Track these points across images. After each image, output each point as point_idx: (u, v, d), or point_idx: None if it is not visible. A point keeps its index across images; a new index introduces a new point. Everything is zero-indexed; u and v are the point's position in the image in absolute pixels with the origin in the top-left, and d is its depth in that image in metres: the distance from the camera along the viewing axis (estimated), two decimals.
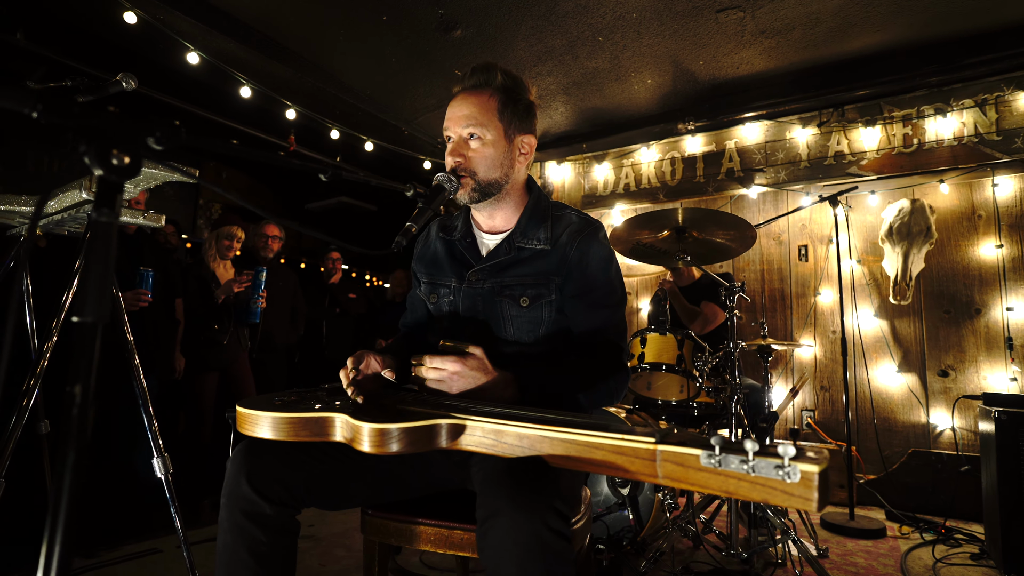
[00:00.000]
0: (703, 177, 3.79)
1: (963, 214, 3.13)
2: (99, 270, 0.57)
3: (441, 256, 1.30)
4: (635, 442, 0.75)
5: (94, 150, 0.58)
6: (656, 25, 2.90)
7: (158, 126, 0.66)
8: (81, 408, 0.55)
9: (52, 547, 0.52)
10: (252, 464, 1.02)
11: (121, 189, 0.61)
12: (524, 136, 1.21)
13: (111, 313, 1.55)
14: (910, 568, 2.18)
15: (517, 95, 1.20)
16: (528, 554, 0.75)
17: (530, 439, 0.83)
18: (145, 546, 2.19)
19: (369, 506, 1.16)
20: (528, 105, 1.23)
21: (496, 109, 1.16)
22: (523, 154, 1.22)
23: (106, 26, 2.72)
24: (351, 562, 2.15)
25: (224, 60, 3.03)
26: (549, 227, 1.22)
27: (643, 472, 0.75)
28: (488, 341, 1.16)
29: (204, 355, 3.05)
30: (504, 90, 1.18)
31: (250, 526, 0.99)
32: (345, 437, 0.93)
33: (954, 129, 3.02)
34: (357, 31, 3.00)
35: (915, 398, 3.16)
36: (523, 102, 1.21)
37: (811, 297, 3.51)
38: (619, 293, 1.22)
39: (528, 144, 1.22)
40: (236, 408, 1.05)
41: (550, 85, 3.54)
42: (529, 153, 1.23)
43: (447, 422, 0.88)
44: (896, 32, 2.86)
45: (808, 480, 0.63)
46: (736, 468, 0.67)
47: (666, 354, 2.17)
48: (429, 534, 1.08)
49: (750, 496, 0.67)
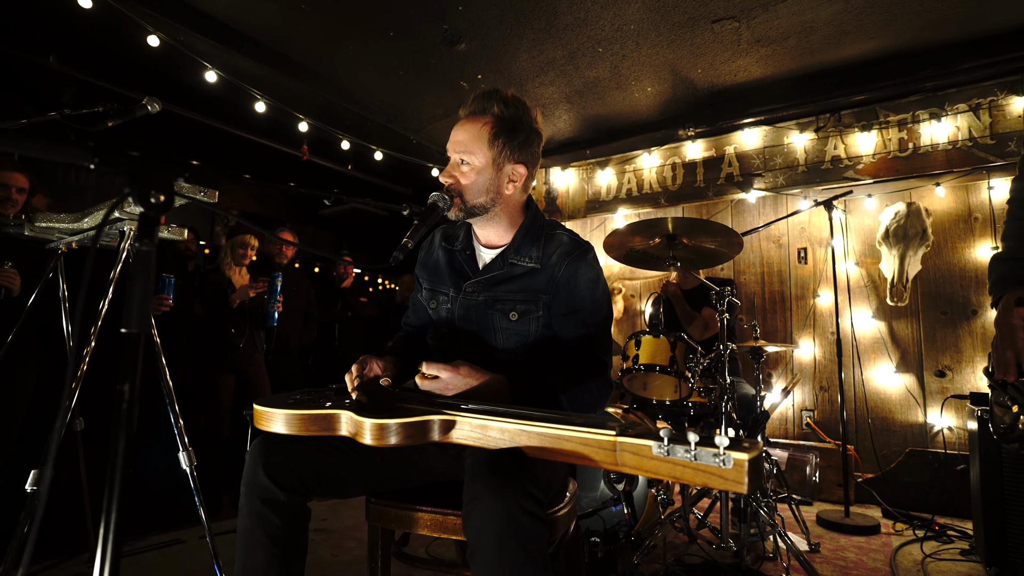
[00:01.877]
0: (703, 182, 3.87)
1: (959, 216, 3.17)
2: (142, 290, 0.70)
3: (442, 265, 1.41)
4: (598, 435, 0.86)
5: (137, 192, 0.70)
6: (654, 36, 3.00)
7: (187, 168, 0.78)
8: (129, 403, 0.67)
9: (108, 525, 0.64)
10: (268, 456, 1.14)
11: (158, 222, 0.74)
12: (515, 165, 1.26)
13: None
14: (899, 563, 2.25)
15: (514, 124, 1.25)
16: (504, 532, 0.86)
17: (510, 432, 0.94)
18: (169, 537, 2.33)
19: (372, 495, 1.27)
20: (528, 133, 1.27)
21: (487, 138, 1.24)
22: (512, 181, 1.27)
23: (132, 49, 2.88)
24: (361, 552, 2.28)
25: (240, 77, 3.19)
26: (541, 246, 1.30)
27: (606, 460, 0.85)
28: (481, 348, 1.28)
29: (221, 358, 3.20)
30: (499, 119, 1.25)
31: (267, 511, 1.11)
32: (350, 431, 1.05)
33: (949, 133, 3.06)
34: (366, 46, 3.13)
35: (913, 398, 3.20)
36: (522, 132, 1.26)
37: (810, 299, 3.56)
38: (604, 312, 1.30)
39: (519, 173, 1.27)
40: (253, 406, 1.17)
41: (553, 94, 3.64)
42: (519, 181, 1.28)
43: (439, 418, 1.00)
44: (890, 39, 2.92)
45: (740, 466, 0.73)
46: (681, 456, 0.77)
47: (660, 356, 2.26)
48: (426, 520, 1.20)
49: (693, 480, 0.77)
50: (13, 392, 2.24)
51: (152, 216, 0.71)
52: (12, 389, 2.24)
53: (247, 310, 3.24)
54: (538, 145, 1.32)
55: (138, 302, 0.69)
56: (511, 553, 0.85)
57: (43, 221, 1.61)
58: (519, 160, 1.28)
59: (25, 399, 2.35)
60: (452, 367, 1.13)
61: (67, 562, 2.07)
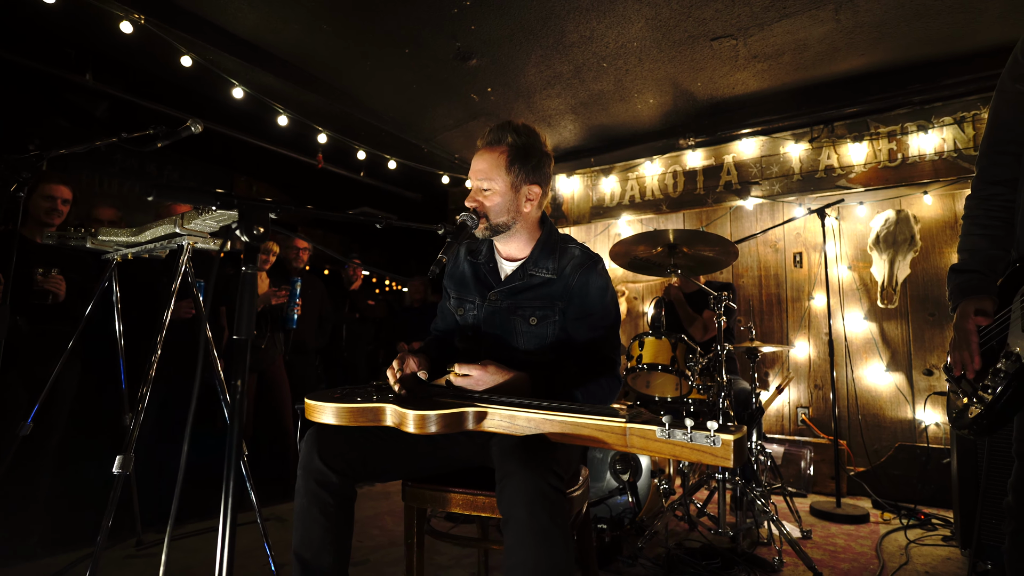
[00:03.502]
0: (703, 189, 4.04)
1: (946, 223, 3.34)
2: (249, 305, 0.87)
3: (468, 277, 1.58)
4: (611, 422, 1.03)
5: (244, 227, 0.88)
6: (656, 52, 3.16)
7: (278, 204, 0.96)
8: (241, 395, 0.84)
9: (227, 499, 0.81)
10: (321, 443, 1.31)
11: (258, 249, 0.91)
12: (531, 186, 1.45)
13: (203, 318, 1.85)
14: (885, 548, 2.42)
15: (527, 151, 1.44)
16: (534, 501, 1.03)
17: (536, 421, 1.12)
18: (205, 525, 2.51)
19: (408, 479, 1.44)
20: (540, 157, 1.46)
21: (504, 165, 1.42)
22: (529, 200, 1.46)
23: (165, 68, 3.06)
24: (383, 539, 2.45)
25: (264, 92, 3.37)
26: (556, 259, 1.48)
27: (617, 443, 1.03)
28: (504, 350, 1.45)
29: None
30: (513, 147, 1.43)
31: (321, 492, 1.28)
32: (394, 422, 1.22)
33: (935, 144, 3.23)
34: (382, 62, 3.31)
35: (902, 396, 3.37)
36: (534, 156, 1.44)
37: (805, 301, 3.73)
38: (613, 316, 1.48)
39: (535, 192, 1.46)
40: (305, 401, 1.34)
41: (559, 105, 3.82)
42: (535, 199, 1.47)
43: (473, 410, 1.17)
44: (880, 55, 3.09)
45: (727, 445, 0.90)
46: (680, 438, 0.95)
47: (661, 355, 2.43)
48: (458, 499, 1.37)
49: (690, 457, 0.94)
50: (62, 389, 2.42)
51: (254, 245, 0.89)
52: (61, 386, 2.41)
53: (268, 313, 3.41)
54: (549, 166, 1.50)
55: (245, 315, 0.86)
56: (540, 519, 1.02)
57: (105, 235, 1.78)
58: (534, 181, 1.46)
59: (71, 396, 2.53)
60: (481, 366, 1.31)
61: (116, 546, 2.25)
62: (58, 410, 2.45)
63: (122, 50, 3.11)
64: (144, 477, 2.37)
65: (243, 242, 0.88)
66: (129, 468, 1.41)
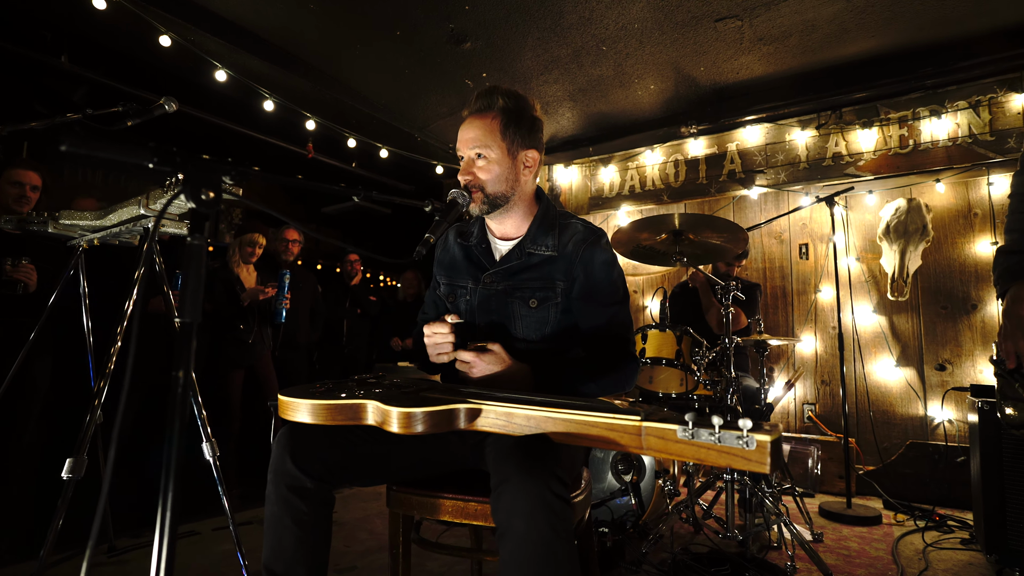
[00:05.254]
0: (706, 179, 3.91)
1: (959, 212, 3.22)
2: (194, 282, 0.73)
3: (459, 260, 1.45)
4: (624, 420, 0.90)
5: (190, 190, 0.74)
6: (657, 35, 3.03)
7: (233, 167, 0.82)
8: (183, 389, 0.71)
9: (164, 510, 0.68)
10: (295, 444, 1.17)
11: (208, 218, 0.77)
12: (527, 151, 1.34)
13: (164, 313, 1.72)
14: (901, 552, 2.30)
15: (519, 114, 1.32)
16: (533, 511, 0.89)
17: (536, 419, 0.98)
18: (185, 528, 2.37)
19: (394, 483, 1.31)
20: (532, 121, 1.34)
21: (499, 130, 1.29)
22: (527, 167, 1.35)
23: (144, 48, 2.91)
24: (372, 543, 2.32)
25: (249, 76, 3.21)
26: (556, 235, 1.35)
27: (631, 445, 0.90)
28: (500, 337, 1.31)
29: (231, 354, 3.23)
30: (505, 111, 1.31)
31: (293, 498, 1.15)
32: (376, 420, 1.08)
33: (948, 130, 3.11)
34: (372, 46, 3.16)
35: (913, 392, 3.25)
36: (526, 120, 1.33)
37: (812, 294, 3.61)
38: (622, 292, 1.36)
39: (532, 158, 1.35)
40: (278, 397, 1.21)
41: (557, 92, 3.68)
42: (533, 166, 1.36)
43: (465, 406, 1.03)
44: (891, 37, 2.96)
45: (763, 448, 0.77)
46: (706, 439, 0.81)
47: (666, 349, 2.30)
48: (448, 506, 1.23)
49: (717, 462, 0.81)
50: (30, 388, 2.28)
51: (203, 212, 0.75)
52: (29, 385, 2.27)
53: (256, 307, 3.27)
54: (541, 131, 1.39)
55: (191, 294, 0.73)
56: (541, 531, 0.89)
57: (67, 219, 1.64)
58: (530, 146, 1.34)
59: (42, 394, 2.38)
60: (476, 353, 1.18)
61: (86, 552, 2.11)
62: (27, 409, 2.31)
63: (100, 30, 2.95)
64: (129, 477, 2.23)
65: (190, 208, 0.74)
66: (81, 472, 1.27)
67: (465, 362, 1.21)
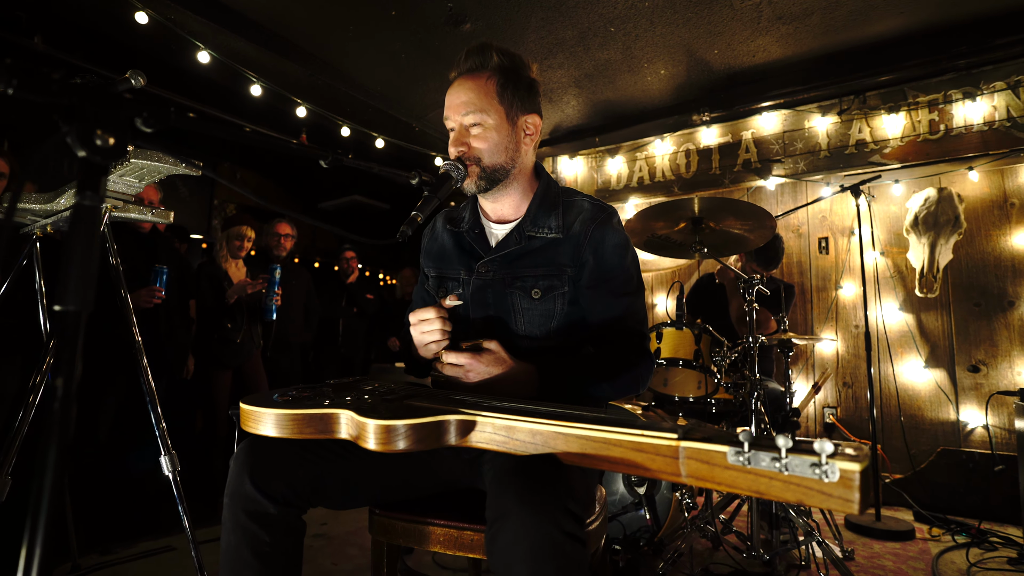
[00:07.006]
0: (719, 169, 3.71)
1: (994, 202, 3.00)
2: (83, 255, 0.54)
3: (449, 248, 1.26)
4: (656, 438, 0.70)
5: (76, 131, 0.55)
6: (669, 14, 2.84)
7: (146, 106, 0.63)
8: (63, 401, 0.52)
9: (32, 548, 0.49)
10: (256, 462, 0.99)
11: (106, 171, 0.59)
12: (528, 116, 1.16)
13: (120, 312, 1.54)
14: (942, 572, 2.09)
15: (517, 74, 1.14)
16: (539, 558, 0.70)
17: (543, 435, 0.79)
18: (161, 543, 2.19)
19: (377, 505, 1.12)
20: (530, 83, 1.17)
21: (495, 91, 1.12)
22: (528, 135, 1.17)
23: (118, 27, 2.73)
24: (363, 560, 2.13)
25: (235, 59, 3.03)
26: (560, 214, 1.17)
27: (665, 470, 0.70)
28: (499, 335, 1.12)
29: (218, 354, 3.06)
30: (502, 70, 1.13)
31: (253, 526, 0.96)
32: (350, 434, 0.90)
33: (984, 113, 2.89)
34: (366, 26, 2.97)
35: (943, 395, 3.04)
36: (524, 80, 1.15)
37: (832, 291, 3.41)
38: (636, 280, 1.18)
39: (533, 124, 1.17)
40: (239, 405, 1.02)
41: (561, 78, 3.48)
42: (535, 133, 1.18)
43: (456, 418, 0.84)
44: (921, 14, 2.75)
45: (848, 479, 0.58)
46: (767, 466, 0.62)
47: (683, 349, 2.11)
48: (438, 535, 1.04)
49: (783, 497, 0.62)
50: None
51: (98, 162, 0.56)
52: None
53: (244, 304, 3.10)
54: (539, 94, 1.21)
55: (77, 271, 0.53)
56: None
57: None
58: (531, 110, 1.17)
59: (9, 398, 2.21)
60: (472, 354, 0.99)
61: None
62: None
63: (74, 9, 2.77)
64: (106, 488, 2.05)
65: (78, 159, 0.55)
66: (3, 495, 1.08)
67: (458, 365, 1.02)
